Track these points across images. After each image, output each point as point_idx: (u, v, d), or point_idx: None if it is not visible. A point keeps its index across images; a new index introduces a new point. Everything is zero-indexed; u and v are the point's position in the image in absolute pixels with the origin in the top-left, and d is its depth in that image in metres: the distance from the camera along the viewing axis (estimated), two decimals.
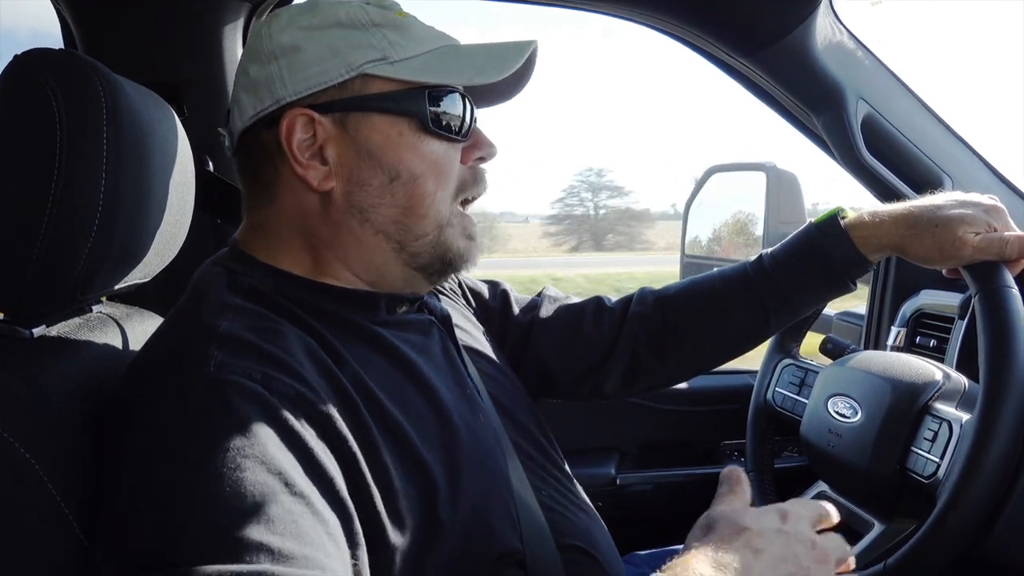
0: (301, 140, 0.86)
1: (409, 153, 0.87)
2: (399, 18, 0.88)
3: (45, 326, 0.83)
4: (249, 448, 0.64)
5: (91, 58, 0.78)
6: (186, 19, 1.42)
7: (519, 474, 0.92)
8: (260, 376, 0.70)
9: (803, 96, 1.53)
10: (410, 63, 0.87)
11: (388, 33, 0.87)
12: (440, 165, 0.89)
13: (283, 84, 0.86)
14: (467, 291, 1.25)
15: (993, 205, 1.06)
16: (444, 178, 0.89)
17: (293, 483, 0.64)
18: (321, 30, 0.86)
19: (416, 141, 0.87)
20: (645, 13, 1.47)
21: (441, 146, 0.89)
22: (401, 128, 0.87)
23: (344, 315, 0.87)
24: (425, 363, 0.90)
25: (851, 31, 1.50)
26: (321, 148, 0.86)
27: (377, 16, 0.87)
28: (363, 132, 0.86)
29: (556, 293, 1.31)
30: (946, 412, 1.10)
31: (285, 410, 0.69)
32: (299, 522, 0.61)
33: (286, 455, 0.66)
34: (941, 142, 1.57)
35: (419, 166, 0.87)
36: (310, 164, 0.86)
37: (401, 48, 0.87)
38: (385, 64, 0.86)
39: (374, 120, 0.87)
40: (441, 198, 0.89)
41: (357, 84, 0.86)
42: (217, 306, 0.80)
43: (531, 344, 1.23)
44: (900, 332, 1.64)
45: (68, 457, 0.71)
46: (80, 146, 0.74)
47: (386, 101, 0.87)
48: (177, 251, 0.99)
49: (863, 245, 1.09)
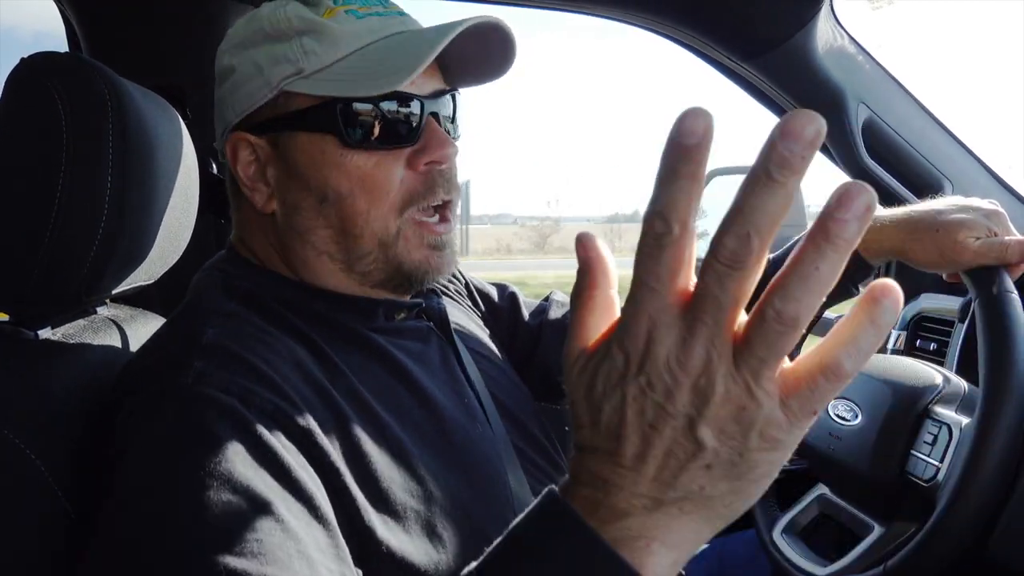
0: (246, 162, 0.86)
1: (333, 171, 0.83)
2: (320, 20, 0.83)
3: (50, 328, 0.84)
4: (216, 466, 0.62)
5: (96, 61, 0.79)
6: (190, 21, 1.43)
7: (521, 481, 0.92)
8: (238, 390, 0.69)
9: (804, 100, 1.53)
10: (323, 75, 0.82)
11: (305, 41, 0.82)
12: (369, 180, 0.83)
13: (228, 106, 0.86)
14: (475, 293, 1.24)
15: (994, 210, 1.07)
16: (376, 193, 0.83)
17: (262, 500, 0.62)
18: (248, 48, 0.85)
19: (339, 158, 0.82)
20: (646, 17, 1.47)
21: (369, 159, 0.83)
22: (323, 146, 0.83)
23: (340, 321, 0.86)
24: (422, 372, 0.89)
25: (852, 35, 1.50)
26: (264, 169, 0.86)
27: (298, 21, 0.83)
28: (291, 152, 0.84)
29: (564, 298, 1.31)
30: (946, 416, 1.11)
31: (261, 425, 0.67)
32: (264, 540, 0.59)
33: (257, 472, 0.64)
34: (941, 146, 1.57)
35: (345, 184, 0.83)
36: (255, 186, 0.87)
37: (315, 58, 0.82)
38: (300, 79, 0.82)
39: (299, 139, 0.84)
40: (376, 216, 0.83)
41: (281, 102, 0.84)
42: (207, 312, 0.79)
43: (539, 348, 1.23)
44: (900, 335, 1.64)
45: (72, 458, 0.71)
46: (85, 149, 0.74)
47: (305, 118, 0.83)
48: (181, 253, 1.00)
49: (864, 250, 1.10)
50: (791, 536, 1.34)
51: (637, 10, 1.46)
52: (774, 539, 1.34)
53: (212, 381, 0.69)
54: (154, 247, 0.88)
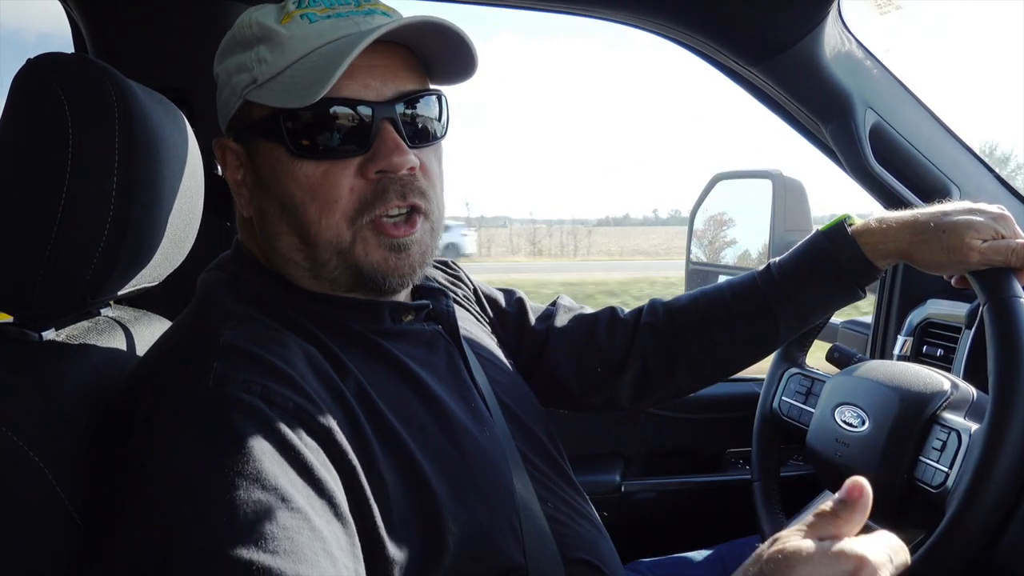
0: (233, 167, 0.88)
1: (287, 180, 0.82)
2: (278, 26, 0.82)
3: (54, 329, 0.84)
4: (244, 465, 0.63)
5: (102, 62, 0.78)
6: (196, 22, 1.43)
7: (526, 486, 0.92)
8: (260, 389, 0.69)
9: (811, 105, 1.53)
10: (272, 84, 0.82)
11: (261, 49, 0.82)
12: (318, 190, 0.81)
13: (221, 112, 0.89)
14: (483, 298, 1.24)
15: (1001, 213, 1.06)
16: (326, 203, 0.82)
17: (290, 499, 0.63)
18: (225, 57, 0.87)
19: (290, 167, 0.82)
20: (655, 21, 1.47)
21: (317, 168, 0.81)
22: (278, 154, 0.83)
23: (347, 324, 0.86)
24: (429, 376, 0.89)
25: (859, 40, 1.50)
26: (244, 175, 0.88)
27: (259, 28, 0.83)
28: (257, 159, 0.86)
29: (570, 303, 1.31)
30: (955, 422, 1.10)
31: (284, 424, 0.68)
32: (294, 539, 0.60)
33: (284, 470, 0.65)
34: (948, 151, 1.57)
35: (298, 193, 0.82)
36: (240, 191, 0.89)
37: (267, 66, 0.82)
38: (255, 88, 0.83)
39: (261, 147, 0.85)
40: (327, 225, 0.82)
41: (246, 110, 0.85)
42: (221, 314, 0.80)
43: (546, 353, 1.22)
44: (907, 341, 1.64)
45: (74, 459, 0.71)
46: (91, 150, 0.74)
47: (262, 127, 0.83)
48: (186, 255, 1.00)
49: (870, 252, 1.09)
50: None
51: (645, 14, 1.45)
52: None
53: (233, 382, 0.69)
54: (159, 249, 0.88)
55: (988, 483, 0.97)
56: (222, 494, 0.61)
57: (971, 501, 0.98)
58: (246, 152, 0.86)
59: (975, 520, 0.98)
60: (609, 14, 1.49)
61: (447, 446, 0.84)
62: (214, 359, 0.71)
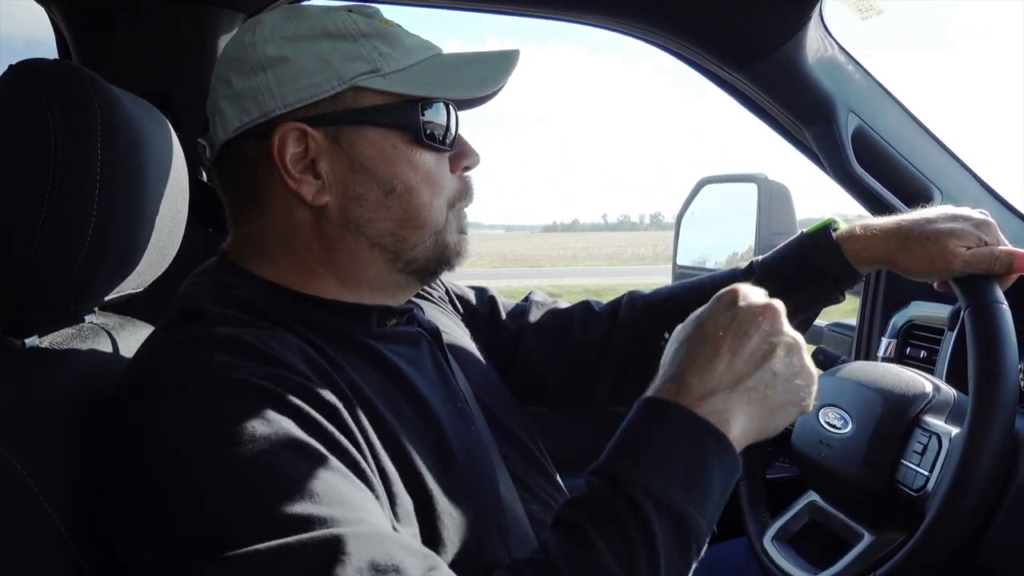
0: (294, 154, 0.84)
1: (403, 166, 0.87)
2: (385, 27, 0.88)
3: (37, 336, 0.83)
4: (274, 435, 0.65)
5: (86, 68, 0.78)
6: (181, 29, 1.43)
7: (508, 485, 0.92)
8: (264, 373, 0.71)
9: (794, 109, 1.54)
10: (401, 75, 0.86)
11: (378, 44, 0.86)
12: (433, 176, 0.89)
13: (272, 96, 0.84)
14: (454, 298, 1.24)
15: (984, 219, 1.07)
16: (438, 188, 0.90)
17: (324, 459, 0.66)
18: (309, 40, 0.85)
19: (410, 153, 0.87)
20: (638, 26, 1.48)
21: (432, 157, 0.89)
22: (394, 141, 0.87)
23: (336, 327, 0.86)
24: (417, 376, 0.89)
25: (841, 45, 1.51)
26: (313, 162, 0.85)
27: (365, 26, 0.86)
28: (357, 146, 0.86)
29: (543, 298, 1.30)
30: (935, 425, 1.11)
31: (297, 399, 0.70)
32: (339, 489, 0.64)
33: (309, 439, 0.68)
34: (931, 155, 1.58)
35: (414, 178, 0.87)
36: (303, 178, 0.85)
37: (392, 60, 0.86)
38: (377, 76, 0.85)
39: (367, 133, 0.86)
40: (437, 208, 0.90)
41: (349, 97, 0.85)
42: (210, 316, 0.79)
43: (521, 350, 1.22)
44: (890, 343, 1.65)
45: (59, 467, 0.71)
46: (74, 156, 0.74)
47: (379, 114, 0.86)
48: (170, 261, 0.99)
49: (853, 258, 1.10)
50: (781, 543, 1.34)
51: (630, 20, 1.46)
52: (764, 546, 1.35)
53: (239, 369, 0.70)
54: (143, 255, 0.88)
55: (967, 487, 0.98)
56: (263, 462, 0.63)
57: (950, 505, 0.99)
58: (327, 138, 0.85)
59: (954, 524, 0.99)
60: (592, 19, 1.50)
61: (435, 445, 0.84)
62: (215, 351, 0.72)
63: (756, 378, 0.73)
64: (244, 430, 0.65)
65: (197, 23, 1.43)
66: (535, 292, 1.32)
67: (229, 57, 0.88)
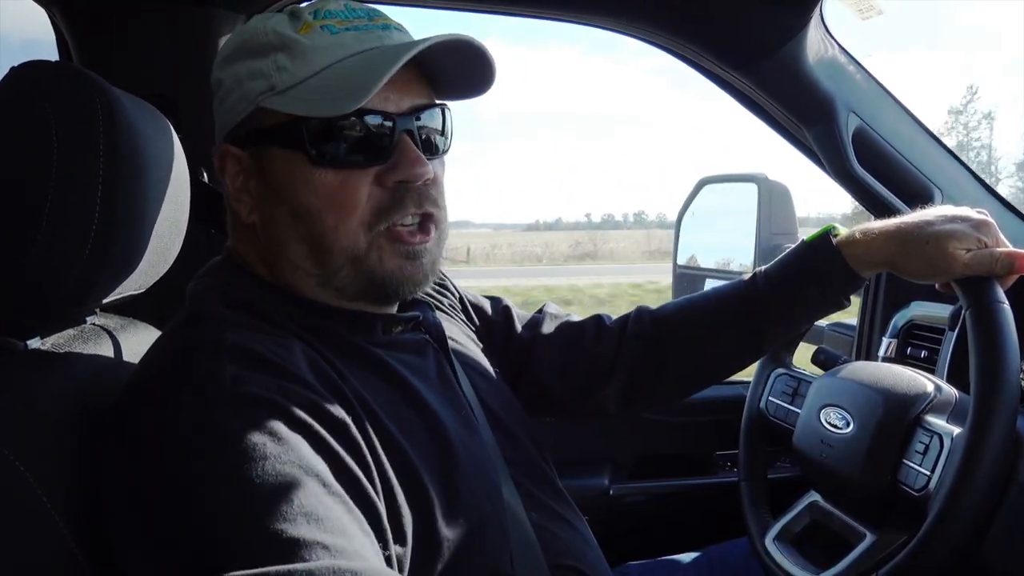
0: (232, 173, 0.87)
1: (303, 187, 0.83)
2: (298, 35, 0.82)
3: (39, 338, 0.83)
4: (284, 454, 0.65)
5: (87, 70, 0.78)
6: (181, 31, 1.43)
7: (512, 492, 0.92)
8: (275, 388, 0.71)
9: (795, 109, 1.54)
10: (294, 92, 0.82)
11: (279, 57, 0.82)
12: (336, 198, 0.82)
13: (218, 120, 0.88)
14: (468, 306, 1.24)
15: (983, 220, 1.07)
16: (344, 210, 0.83)
17: (329, 484, 0.66)
18: (233, 62, 0.86)
19: (308, 174, 0.83)
20: (639, 27, 1.48)
21: (336, 177, 0.82)
22: (294, 162, 0.83)
23: (339, 333, 0.86)
24: (421, 384, 0.89)
25: (841, 45, 1.51)
26: (247, 182, 0.87)
27: (275, 36, 0.83)
28: (268, 166, 0.85)
29: (557, 310, 1.31)
30: (937, 425, 1.11)
31: (307, 416, 0.70)
32: (342, 520, 0.64)
33: (317, 458, 0.68)
34: (931, 155, 1.58)
35: (314, 201, 0.83)
36: (240, 197, 0.88)
37: (287, 74, 0.82)
38: (273, 95, 0.83)
39: (275, 154, 0.84)
40: (345, 232, 0.83)
41: (257, 117, 0.84)
42: (219, 319, 0.80)
43: (532, 361, 1.23)
44: (891, 343, 1.65)
45: (61, 469, 0.71)
46: (76, 158, 0.74)
47: (277, 135, 0.83)
48: (171, 263, 0.99)
49: (854, 262, 1.10)
50: (783, 543, 1.34)
51: (630, 20, 1.46)
52: (766, 546, 1.34)
53: (250, 382, 0.70)
54: (144, 257, 0.88)
55: (969, 487, 0.98)
56: (271, 482, 0.63)
57: (952, 505, 0.99)
58: (252, 159, 0.86)
59: (956, 524, 0.99)
60: (593, 19, 1.50)
61: (439, 453, 0.84)
62: (225, 362, 0.72)
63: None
64: (255, 447, 0.64)
65: (198, 25, 1.43)
66: (549, 304, 1.33)
67: None
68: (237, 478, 0.63)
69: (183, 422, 0.67)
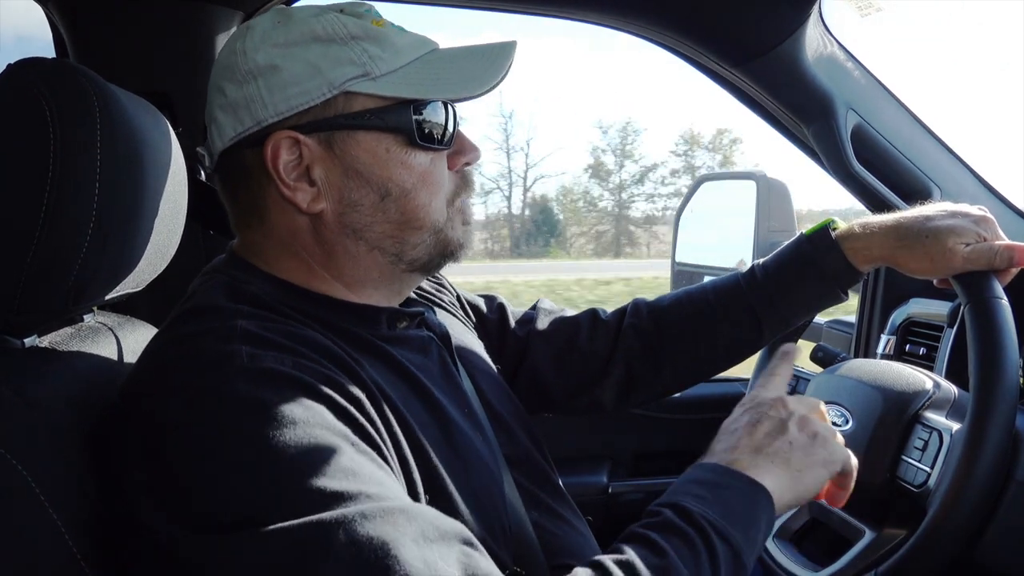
0: (287, 162, 0.84)
1: (398, 168, 0.87)
2: (376, 28, 0.86)
3: (37, 336, 0.83)
4: (312, 418, 0.67)
5: (84, 67, 0.78)
6: (179, 27, 1.42)
7: (513, 492, 0.92)
8: (291, 363, 0.72)
9: (793, 106, 1.54)
10: (392, 77, 0.85)
11: (368, 46, 0.84)
12: (429, 176, 0.89)
13: (263, 105, 0.83)
14: (465, 305, 1.24)
15: (983, 216, 1.07)
16: (435, 187, 0.89)
17: (357, 443, 0.69)
18: (298, 46, 0.84)
19: (404, 156, 0.87)
20: (636, 23, 1.47)
21: (428, 157, 0.88)
22: (388, 144, 0.86)
23: (348, 327, 0.86)
24: (428, 380, 0.89)
25: (840, 42, 1.51)
26: (308, 169, 0.85)
27: (355, 28, 0.85)
28: (350, 151, 0.85)
29: (551, 306, 1.30)
30: (936, 421, 1.11)
31: (324, 387, 0.72)
32: (376, 473, 0.68)
33: (340, 424, 0.70)
34: (930, 152, 1.58)
35: (409, 180, 0.87)
36: (298, 186, 0.85)
37: (382, 62, 0.85)
38: (367, 80, 0.84)
39: (360, 138, 0.85)
40: (436, 207, 0.89)
41: (340, 102, 0.84)
42: (227, 310, 0.79)
43: (528, 358, 1.22)
44: (890, 340, 1.65)
45: (59, 467, 0.71)
46: (73, 156, 0.74)
47: (371, 118, 0.85)
48: (169, 261, 0.99)
49: (853, 257, 1.10)
50: (782, 541, 1.34)
51: (628, 16, 1.46)
52: (765, 544, 1.35)
53: (266, 359, 0.72)
54: (143, 255, 0.88)
55: (968, 484, 0.98)
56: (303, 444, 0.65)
57: (951, 501, 0.99)
58: (321, 145, 0.85)
59: (955, 520, 1.00)
60: (590, 16, 1.49)
61: (448, 447, 0.84)
62: (238, 343, 0.72)
63: (775, 447, 0.83)
64: (283, 415, 0.66)
65: (195, 21, 1.42)
66: (543, 300, 1.32)
67: (223, 65, 0.87)
68: (271, 444, 0.64)
69: (208, 399, 0.68)
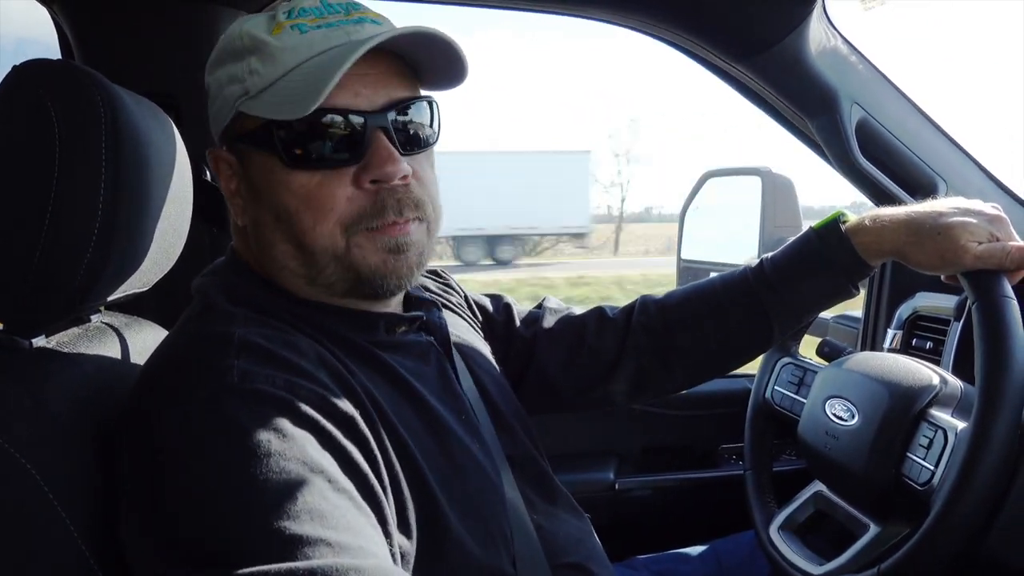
0: (227, 176, 0.88)
1: (281, 189, 0.83)
2: (269, 37, 0.82)
3: (44, 336, 0.84)
4: (289, 451, 0.65)
5: (89, 68, 0.79)
6: (183, 28, 1.42)
7: (514, 495, 0.92)
8: (283, 383, 0.72)
9: (797, 100, 1.54)
10: (264, 95, 0.82)
11: (252, 61, 0.82)
12: (312, 199, 0.82)
13: (213, 121, 0.89)
14: (473, 305, 1.23)
15: (997, 215, 1.05)
16: (320, 211, 0.82)
17: (335, 480, 0.66)
18: (216, 67, 0.87)
19: (285, 176, 0.82)
20: (639, 19, 1.47)
21: (312, 178, 0.81)
22: (272, 164, 0.83)
23: (343, 333, 0.86)
24: (423, 387, 0.89)
25: (844, 35, 1.50)
26: (238, 183, 0.88)
27: (249, 40, 0.83)
28: (250, 170, 0.86)
29: (557, 304, 1.29)
30: (942, 419, 1.10)
31: (314, 412, 0.71)
32: (347, 516, 0.64)
33: (323, 455, 0.68)
34: (935, 146, 1.57)
35: (292, 202, 0.82)
36: (233, 200, 0.89)
37: (258, 78, 0.82)
38: (248, 99, 0.83)
39: (254, 157, 0.85)
40: (322, 232, 0.82)
41: (238, 122, 0.85)
42: (226, 315, 0.80)
43: (535, 357, 1.21)
44: (896, 335, 1.65)
45: (68, 466, 0.71)
46: (79, 156, 0.74)
47: (255, 138, 0.84)
48: (175, 260, 1.00)
49: (863, 251, 1.08)
50: (788, 533, 1.34)
51: (629, 12, 1.46)
52: (771, 536, 1.35)
53: (257, 378, 0.71)
54: (148, 254, 0.88)
55: (972, 483, 0.98)
56: (275, 478, 0.63)
57: (955, 501, 0.99)
58: (239, 162, 0.87)
59: (959, 519, 0.99)
60: (594, 13, 1.49)
61: (442, 456, 0.84)
62: (232, 357, 0.72)
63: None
64: (260, 444, 0.65)
65: (200, 22, 1.42)
66: (549, 298, 1.31)
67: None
68: (241, 476, 0.63)
69: (193, 420, 0.68)
